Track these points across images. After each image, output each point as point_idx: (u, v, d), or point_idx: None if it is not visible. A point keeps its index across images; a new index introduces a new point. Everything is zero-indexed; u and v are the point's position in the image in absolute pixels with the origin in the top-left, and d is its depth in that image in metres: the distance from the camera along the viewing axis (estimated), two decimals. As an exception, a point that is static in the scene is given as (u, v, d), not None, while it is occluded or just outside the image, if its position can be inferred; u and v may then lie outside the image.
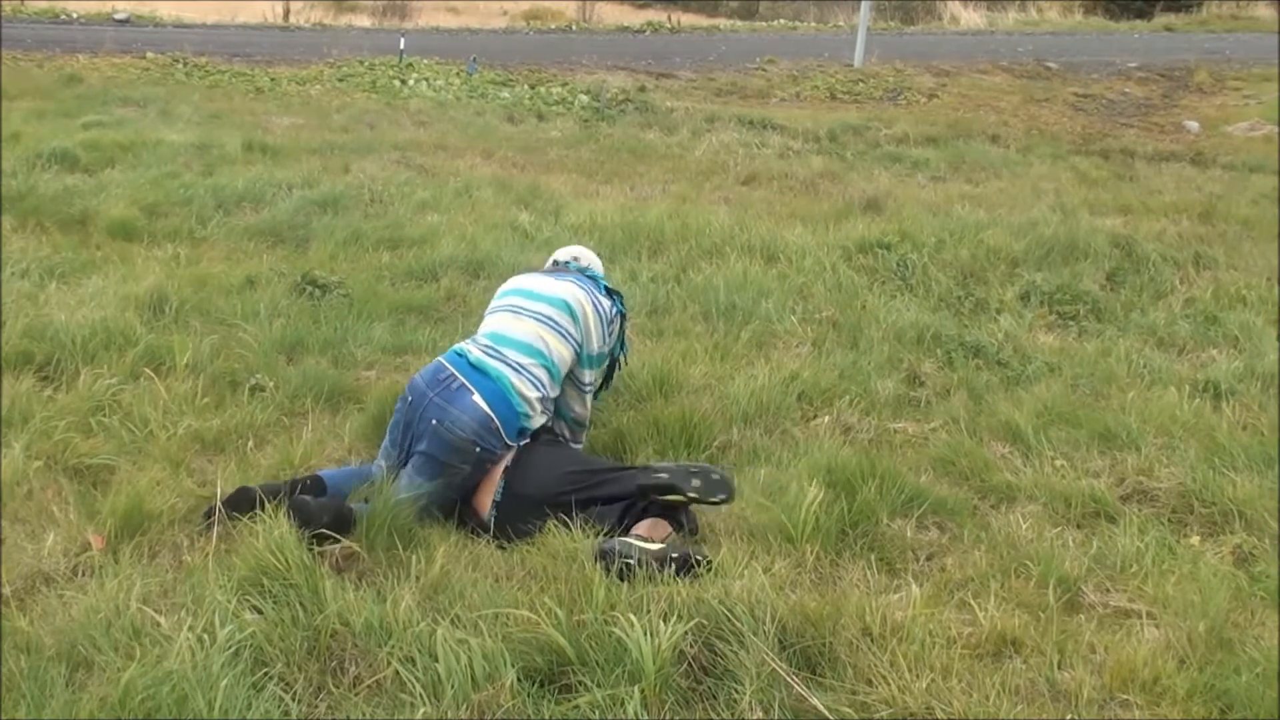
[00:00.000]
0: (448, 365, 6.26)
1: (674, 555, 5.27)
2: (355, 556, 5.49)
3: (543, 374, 6.30)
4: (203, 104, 19.28)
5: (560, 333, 6.40)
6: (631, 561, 5.20)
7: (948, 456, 7.00)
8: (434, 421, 6.09)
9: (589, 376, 6.61)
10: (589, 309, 6.51)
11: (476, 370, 6.20)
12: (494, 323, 6.52)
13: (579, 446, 6.85)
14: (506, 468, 6.19)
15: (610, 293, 6.79)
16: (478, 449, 6.05)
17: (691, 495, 5.67)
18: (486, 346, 6.35)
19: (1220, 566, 5.78)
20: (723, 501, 5.76)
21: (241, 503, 5.90)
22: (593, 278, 6.81)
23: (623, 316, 6.84)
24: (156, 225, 11.34)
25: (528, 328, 6.40)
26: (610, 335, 6.65)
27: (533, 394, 6.23)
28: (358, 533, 5.60)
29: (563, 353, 6.39)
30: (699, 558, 5.34)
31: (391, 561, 5.44)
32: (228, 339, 8.20)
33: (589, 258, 7.14)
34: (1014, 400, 7.91)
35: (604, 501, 6.03)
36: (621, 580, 5.12)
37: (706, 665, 4.62)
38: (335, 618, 4.75)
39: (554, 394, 6.42)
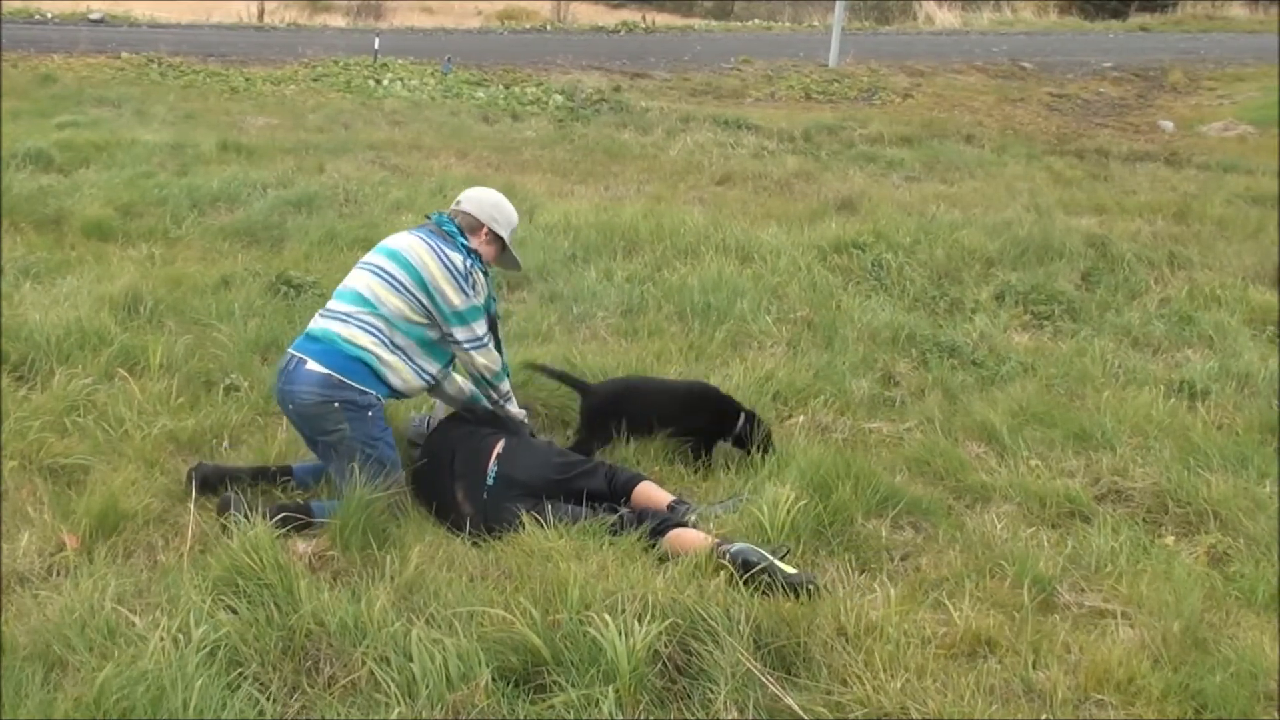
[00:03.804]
0: (289, 350, 6.36)
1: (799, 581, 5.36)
2: (329, 556, 5.50)
3: (376, 321, 6.27)
4: (178, 104, 19.28)
5: (390, 283, 6.32)
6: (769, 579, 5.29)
7: (923, 456, 7.02)
8: (290, 406, 6.24)
9: (462, 333, 6.42)
10: (429, 260, 6.36)
11: (309, 339, 6.29)
12: (344, 281, 6.56)
13: (518, 411, 6.85)
14: (499, 455, 6.29)
15: (468, 250, 6.57)
16: (336, 404, 6.10)
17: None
18: (324, 310, 6.44)
19: (1195, 566, 5.81)
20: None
21: (213, 481, 6.23)
22: (450, 231, 6.62)
23: (483, 269, 6.64)
24: (131, 225, 11.32)
25: (360, 279, 6.41)
26: (474, 289, 6.45)
27: (365, 339, 6.22)
28: (331, 532, 5.63)
29: (396, 303, 6.30)
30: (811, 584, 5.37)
31: (366, 561, 5.43)
32: (202, 339, 8.18)
33: (471, 199, 6.87)
34: (989, 400, 7.93)
35: (583, 495, 6.19)
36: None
37: (681, 665, 4.62)
38: (310, 617, 4.74)
39: (400, 341, 6.34)
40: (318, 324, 6.33)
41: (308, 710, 4.43)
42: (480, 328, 6.48)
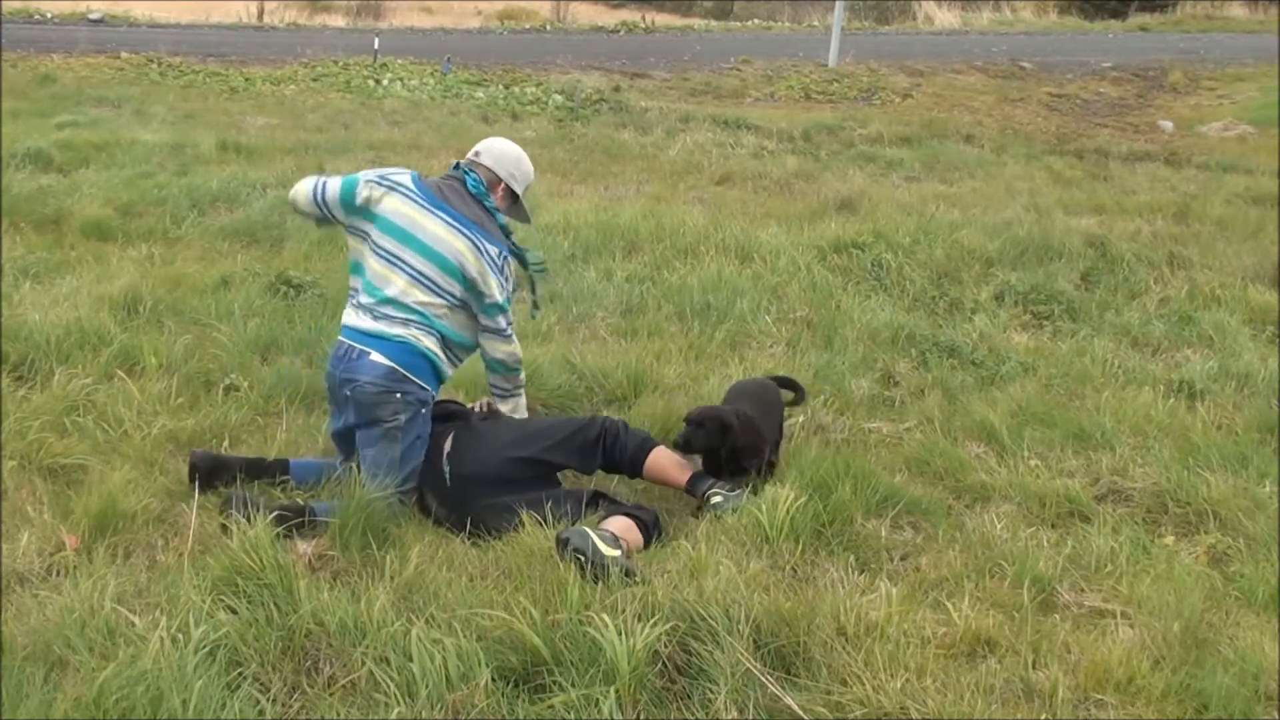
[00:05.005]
0: (345, 340, 6.35)
1: (624, 572, 5.25)
2: (329, 556, 5.50)
3: (431, 330, 6.30)
4: (177, 104, 19.29)
5: (431, 288, 6.30)
6: (583, 559, 5.20)
7: (922, 456, 7.01)
8: (347, 393, 6.25)
9: (499, 321, 6.47)
10: (467, 254, 6.32)
11: (371, 336, 6.26)
12: (376, 275, 6.38)
13: (519, 402, 6.84)
14: (448, 454, 6.26)
15: (504, 232, 6.62)
16: (398, 395, 6.15)
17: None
18: (373, 309, 6.34)
19: (1194, 566, 5.80)
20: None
21: (205, 468, 6.25)
22: (481, 201, 6.56)
23: (518, 257, 6.73)
24: (131, 225, 11.32)
25: (401, 285, 6.30)
26: (507, 281, 6.51)
27: (428, 340, 6.27)
28: (331, 532, 5.63)
29: (440, 308, 6.32)
30: (638, 579, 5.26)
31: (366, 561, 5.43)
32: (202, 339, 8.18)
33: (491, 151, 6.77)
34: (988, 400, 7.93)
35: (551, 465, 6.29)
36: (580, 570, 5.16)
37: (681, 665, 4.62)
38: (310, 617, 4.73)
39: (454, 345, 6.42)
40: (379, 325, 6.28)
41: (308, 710, 4.43)
42: (503, 322, 6.50)
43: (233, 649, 4.59)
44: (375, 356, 6.16)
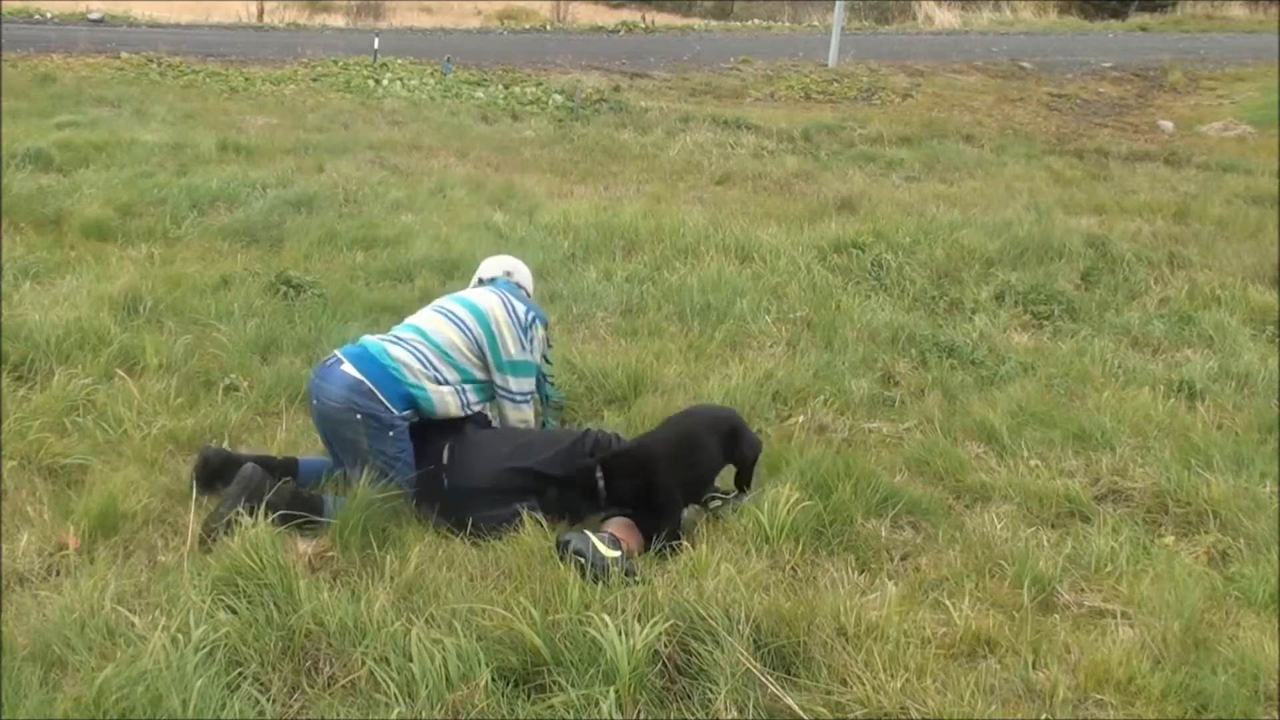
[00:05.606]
0: (334, 351, 6.37)
1: (624, 573, 5.26)
2: (329, 556, 5.50)
3: (428, 350, 6.28)
4: (177, 104, 19.26)
5: (450, 319, 6.40)
6: (583, 561, 5.22)
7: (922, 456, 7.01)
8: (315, 402, 6.25)
9: (514, 384, 6.49)
10: (499, 312, 6.45)
11: (356, 346, 6.30)
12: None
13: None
14: (445, 467, 6.22)
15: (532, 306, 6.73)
16: (358, 415, 6.06)
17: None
18: (383, 333, 6.48)
19: (1195, 566, 5.80)
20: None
21: (216, 464, 6.20)
22: (513, 288, 6.83)
23: (544, 325, 6.76)
24: (131, 225, 11.30)
25: (427, 316, 6.49)
26: (531, 342, 6.55)
27: (412, 362, 6.21)
28: (331, 532, 5.63)
29: (449, 335, 6.35)
30: (638, 579, 5.29)
31: (366, 561, 5.43)
32: (202, 339, 8.18)
33: (521, 272, 7.06)
34: (988, 400, 7.92)
35: (549, 478, 6.16)
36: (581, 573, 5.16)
37: (681, 665, 4.62)
38: (310, 617, 4.73)
39: (449, 375, 6.31)
40: (372, 339, 6.35)
41: (307, 710, 4.43)
42: (526, 384, 6.55)
43: (233, 649, 4.59)
44: (346, 367, 6.13)
